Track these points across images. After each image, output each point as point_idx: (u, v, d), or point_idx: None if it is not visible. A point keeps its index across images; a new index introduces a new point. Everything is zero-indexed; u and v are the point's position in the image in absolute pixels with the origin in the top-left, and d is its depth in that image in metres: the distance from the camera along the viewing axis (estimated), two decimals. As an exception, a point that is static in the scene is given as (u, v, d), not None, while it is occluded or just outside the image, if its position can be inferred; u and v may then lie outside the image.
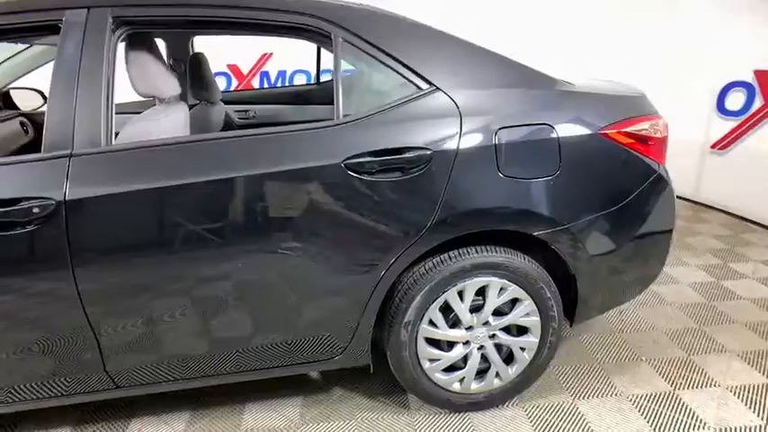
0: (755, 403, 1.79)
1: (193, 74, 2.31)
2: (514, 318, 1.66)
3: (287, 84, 5.58)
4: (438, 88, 1.50)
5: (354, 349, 1.63)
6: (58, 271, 1.34)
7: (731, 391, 1.85)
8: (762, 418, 1.72)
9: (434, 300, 1.58)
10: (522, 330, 1.71)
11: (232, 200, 1.39)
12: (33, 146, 2.46)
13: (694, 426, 1.69)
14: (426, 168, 1.44)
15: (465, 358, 1.69)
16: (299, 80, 5.57)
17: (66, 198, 1.30)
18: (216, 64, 5.53)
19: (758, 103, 3.31)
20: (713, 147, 3.61)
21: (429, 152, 1.44)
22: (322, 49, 2.86)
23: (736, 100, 3.45)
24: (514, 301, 1.66)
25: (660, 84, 3.30)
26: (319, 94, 2.90)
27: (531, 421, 1.72)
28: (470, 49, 1.59)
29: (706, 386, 1.88)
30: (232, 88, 5.59)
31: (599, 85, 1.78)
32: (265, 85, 5.64)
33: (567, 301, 1.75)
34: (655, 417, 1.73)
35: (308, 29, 1.49)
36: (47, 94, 1.53)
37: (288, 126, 1.47)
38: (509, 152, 1.49)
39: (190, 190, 1.36)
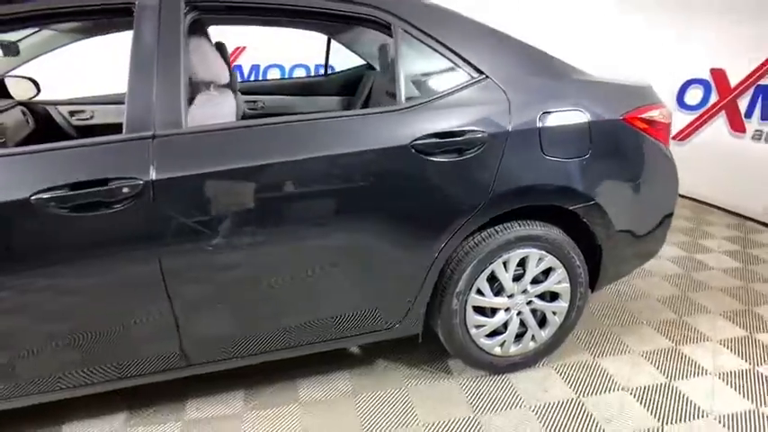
0: (742, 353, 2.08)
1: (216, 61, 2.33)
2: (549, 285, 1.85)
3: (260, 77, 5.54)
4: (488, 76, 1.66)
5: (410, 320, 1.76)
6: (143, 250, 1.38)
7: (721, 343, 2.14)
8: (749, 364, 2.01)
9: (483, 270, 1.74)
10: (553, 296, 1.90)
11: (308, 180, 1.48)
12: (36, 136, 2.39)
13: (698, 373, 1.95)
14: (482, 149, 1.60)
15: (505, 324, 1.87)
16: (273, 75, 5.55)
17: (153, 178, 1.34)
18: None
19: (714, 98, 3.72)
20: (674, 138, 4.01)
21: (485, 134, 1.60)
22: (331, 43, 2.93)
23: (694, 95, 3.85)
24: (547, 270, 1.85)
25: (628, 80, 3.63)
26: (327, 85, 2.98)
27: (562, 378, 1.92)
28: (511, 40, 1.75)
29: (700, 341, 2.16)
30: None
31: (611, 77, 2.00)
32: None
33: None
34: (664, 367, 1.98)
35: (371, 19, 1.61)
36: (40, 84, 1.49)
37: (352, 111, 1.58)
38: (550, 135, 1.67)
39: (267, 170, 1.44)
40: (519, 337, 1.92)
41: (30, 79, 2.74)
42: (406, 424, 1.69)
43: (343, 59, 3.12)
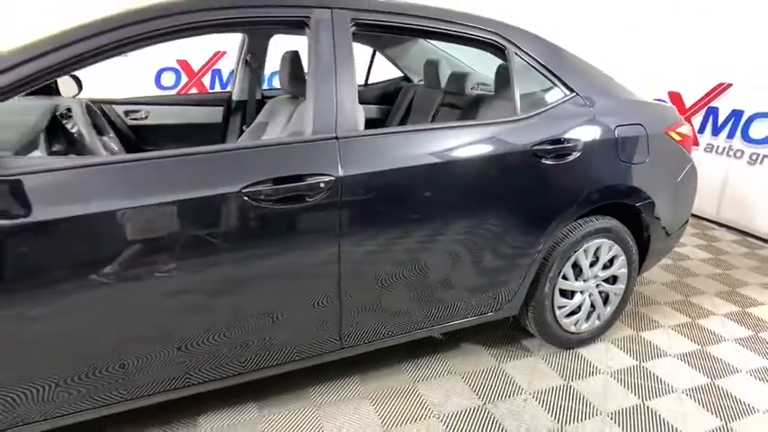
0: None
1: (293, 69, 2.43)
2: (614, 270, 2.20)
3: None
4: (577, 94, 1.98)
5: (513, 303, 2.02)
6: (326, 239, 1.53)
7: (727, 317, 2.62)
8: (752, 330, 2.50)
9: (569, 258, 2.05)
10: (614, 280, 2.25)
11: (452, 180, 1.70)
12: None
13: (716, 340, 2.39)
14: (579, 154, 1.90)
15: (580, 304, 2.18)
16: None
17: (341, 174, 1.49)
18: (164, 59, 5.26)
19: (671, 116, 4.39)
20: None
21: (581, 142, 1.91)
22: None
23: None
24: (611, 258, 2.19)
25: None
26: (367, 94, 3.16)
27: (618, 348, 2.27)
28: (586, 64, 2.09)
29: (706, 316, 2.62)
30: (181, 84, 5.39)
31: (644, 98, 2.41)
32: (217, 84, 5.52)
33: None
34: (693, 335, 2.40)
35: (490, 42, 1.87)
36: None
37: (479, 120, 1.82)
38: (623, 144, 2.02)
39: (422, 171, 1.64)
40: (587, 316, 2.25)
41: (72, 77, 2.66)
42: (419, 417, 1.80)
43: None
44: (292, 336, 1.62)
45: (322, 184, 1.47)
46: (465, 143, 1.73)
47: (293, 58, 2.39)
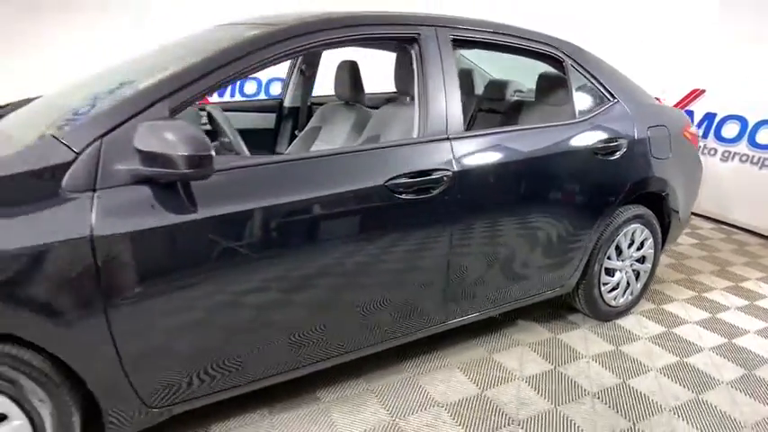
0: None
1: (353, 79, 2.64)
2: (644, 251, 2.56)
3: (236, 92, 5.62)
4: (619, 100, 2.32)
5: (572, 280, 2.33)
6: (444, 226, 1.78)
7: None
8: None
9: (613, 240, 2.38)
10: (643, 260, 2.61)
11: (533, 175, 2.00)
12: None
13: (723, 309, 2.80)
14: (624, 151, 2.24)
15: (618, 281, 2.52)
16: (250, 87, 5.67)
17: (456, 169, 1.75)
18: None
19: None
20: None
21: (625, 141, 2.25)
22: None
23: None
24: (642, 241, 2.55)
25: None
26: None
27: (647, 319, 2.63)
28: (622, 74, 2.44)
29: (708, 291, 3.04)
30: None
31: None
32: (227, 94, 5.58)
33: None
34: (705, 306, 2.79)
35: (550, 55, 2.18)
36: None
37: (545, 123, 2.12)
38: (653, 141, 2.38)
39: (515, 166, 1.94)
40: (623, 291, 2.59)
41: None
42: (507, 379, 2.08)
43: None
44: (403, 313, 1.85)
45: (445, 178, 1.72)
46: (544, 142, 2.03)
47: (352, 68, 2.60)
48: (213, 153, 1.22)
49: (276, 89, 5.56)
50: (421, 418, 1.82)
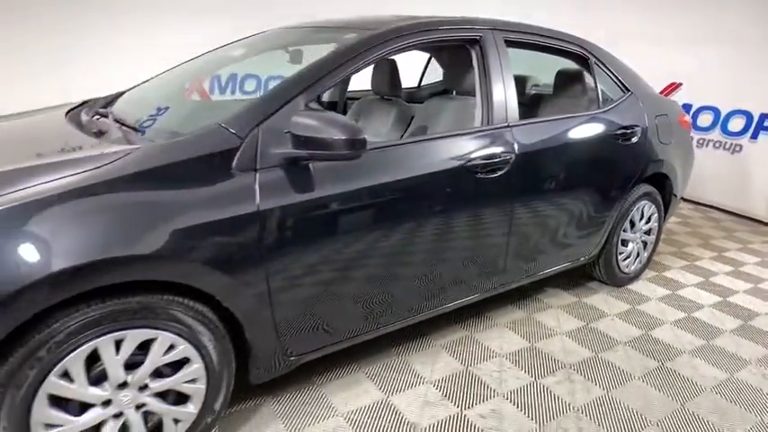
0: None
1: (392, 74, 2.89)
2: (651, 225, 2.94)
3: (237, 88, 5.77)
4: (632, 92, 2.68)
5: (595, 251, 2.67)
6: (508, 200, 2.08)
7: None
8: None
9: (629, 215, 2.75)
10: (649, 232, 2.99)
11: (575, 154, 2.34)
12: None
13: (713, 275, 3.23)
14: (639, 137, 2.61)
15: (631, 251, 2.89)
16: (249, 85, 5.82)
17: (517, 152, 2.05)
18: (169, 64, 5.49)
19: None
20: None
21: (639, 128, 2.61)
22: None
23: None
24: (650, 215, 2.93)
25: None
26: (419, 94, 3.68)
27: (654, 284, 3.02)
28: (630, 69, 2.80)
29: (698, 260, 3.47)
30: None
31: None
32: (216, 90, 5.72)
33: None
34: (697, 273, 3.21)
35: (577, 54, 2.51)
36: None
37: (573, 114, 2.45)
38: (660, 128, 2.76)
39: (561, 148, 2.26)
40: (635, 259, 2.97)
41: None
42: (552, 335, 2.59)
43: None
44: (471, 277, 2.15)
45: (509, 159, 2.02)
46: (580, 129, 2.37)
47: (391, 65, 2.86)
48: (366, 137, 1.47)
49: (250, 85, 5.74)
50: (487, 365, 2.12)
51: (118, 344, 1.31)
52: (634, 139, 2.59)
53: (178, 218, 1.33)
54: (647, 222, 2.92)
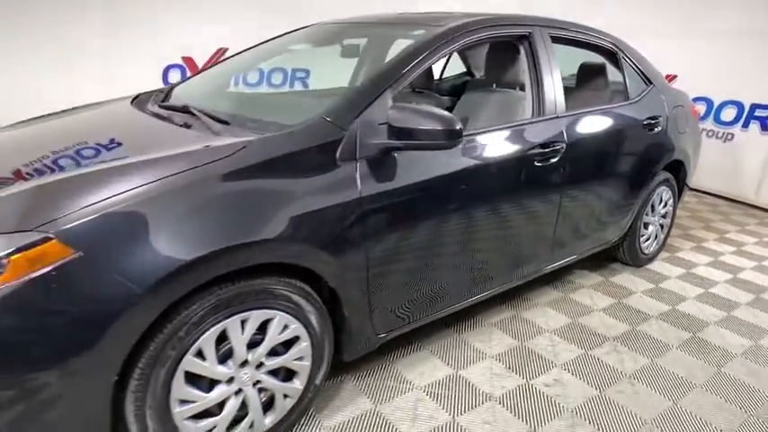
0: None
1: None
2: (668, 209, 3.14)
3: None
4: (654, 85, 2.86)
5: (621, 234, 2.85)
6: (559, 185, 2.23)
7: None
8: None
9: (650, 199, 2.94)
10: (665, 215, 3.19)
11: (611, 142, 2.51)
12: None
13: (720, 254, 3.47)
14: (662, 126, 2.79)
15: (651, 233, 3.09)
16: (252, 78, 5.82)
17: (567, 141, 2.19)
18: (170, 55, 5.45)
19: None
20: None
21: (662, 118, 2.79)
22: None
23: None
24: (667, 200, 3.13)
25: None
26: (439, 86, 3.79)
27: (670, 264, 3.24)
28: (651, 63, 2.98)
29: (704, 241, 3.71)
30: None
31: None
32: None
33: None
34: (706, 253, 3.45)
35: (608, 49, 2.67)
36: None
37: (601, 106, 2.61)
38: (678, 118, 2.95)
39: (603, 136, 2.45)
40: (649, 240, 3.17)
41: None
42: (586, 312, 2.78)
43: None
44: (526, 254, 2.30)
45: (561, 148, 2.16)
46: (616, 118, 2.54)
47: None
48: (461, 127, 1.58)
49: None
50: (539, 340, 2.27)
51: (242, 324, 1.41)
52: (657, 129, 2.78)
53: (294, 205, 1.43)
54: (665, 207, 3.13)
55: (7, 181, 1.37)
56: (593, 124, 2.41)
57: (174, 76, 5.44)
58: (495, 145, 1.98)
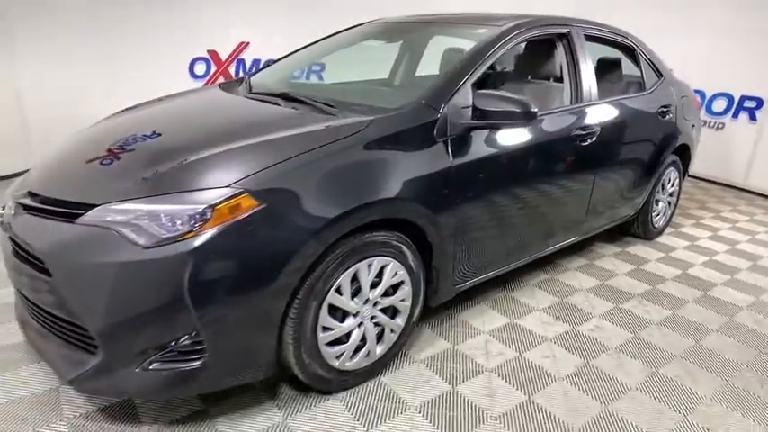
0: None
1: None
2: (674, 188, 3.54)
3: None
4: (665, 77, 3.25)
5: (635, 210, 3.23)
6: (594, 163, 2.61)
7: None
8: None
9: (661, 179, 3.33)
10: (672, 194, 3.59)
11: (631, 128, 2.87)
12: None
13: (718, 229, 3.89)
14: (673, 114, 3.18)
15: (660, 210, 3.48)
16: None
17: (600, 125, 2.56)
18: (196, 49, 5.69)
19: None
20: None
21: (673, 106, 3.18)
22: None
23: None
24: (674, 181, 3.53)
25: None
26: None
27: (676, 237, 3.64)
28: (662, 59, 3.37)
29: (702, 219, 4.13)
30: (211, 73, 5.78)
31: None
32: (241, 73, 5.98)
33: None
34: (706, 229, 3.86)
35: (626, 46, 3.04)
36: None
37: (623, 95, 2.98)
38: (684, 108, 3.35)
39: (623, 123, 2.79)
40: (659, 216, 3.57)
41: None
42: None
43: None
44: (561, 223, 2.66)
45: (596, 131, 2.53)
46: (638, 106, 2.92)
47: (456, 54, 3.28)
48: (536, 109, 1.92)
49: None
50: (576, 297, 2.63)
51: (368, 268, 1.73)
52: (669, 117, 3.17)
53: (406, 171, 1.76)
54: (672, 186, 3.53)
55: (190, 148, 1.65)
56: (620, 111, 2.78)
57: (200, 68, 5.71)
58: (551, 126, 2.34)
